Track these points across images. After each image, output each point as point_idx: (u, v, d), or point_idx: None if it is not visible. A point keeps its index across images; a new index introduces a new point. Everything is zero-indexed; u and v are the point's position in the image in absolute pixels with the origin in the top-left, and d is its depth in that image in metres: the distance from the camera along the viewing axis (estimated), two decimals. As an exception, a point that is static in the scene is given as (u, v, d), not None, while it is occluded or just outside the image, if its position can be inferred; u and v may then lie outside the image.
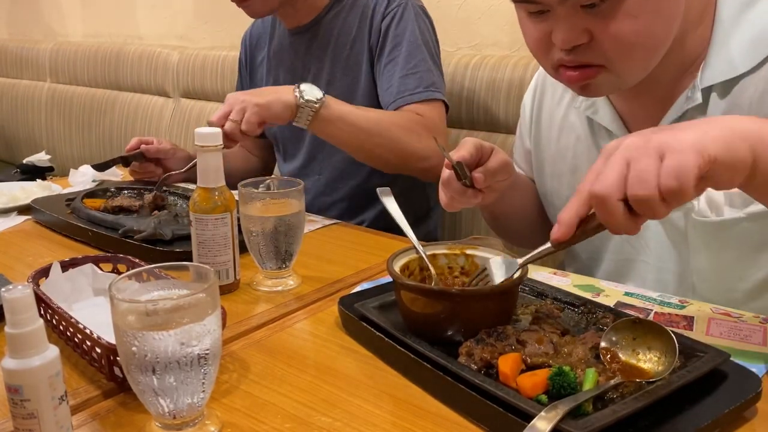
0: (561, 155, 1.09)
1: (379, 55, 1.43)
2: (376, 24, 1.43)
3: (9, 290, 0.56)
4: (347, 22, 1.46)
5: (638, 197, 0.62)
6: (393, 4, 1.43)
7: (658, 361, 0.67)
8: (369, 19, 1.44)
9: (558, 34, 0.83)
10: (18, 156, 2.86)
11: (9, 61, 3.13)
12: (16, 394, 0.56)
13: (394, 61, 1.41)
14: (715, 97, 0.89)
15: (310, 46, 1.51)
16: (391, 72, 1.40)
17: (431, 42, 1.45)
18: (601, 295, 0.91)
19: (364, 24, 1.44)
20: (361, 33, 1.45)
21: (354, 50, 1.45)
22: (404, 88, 1.38)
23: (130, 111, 2.61)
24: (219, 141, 0.92)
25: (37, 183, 1.51)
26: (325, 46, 1.48)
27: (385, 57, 1.42)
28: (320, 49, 1.49)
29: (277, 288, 0.98)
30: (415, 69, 1.39)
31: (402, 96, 1.37)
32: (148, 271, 0.68)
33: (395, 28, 1.41)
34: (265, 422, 0.66)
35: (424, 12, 1.47)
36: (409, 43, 1.40)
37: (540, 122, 1.13)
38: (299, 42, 1.52)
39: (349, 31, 1.46)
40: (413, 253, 0.85)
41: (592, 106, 1.02)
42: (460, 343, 0.73)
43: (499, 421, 0.62)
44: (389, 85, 1.40)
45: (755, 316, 0.83)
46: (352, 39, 1.45)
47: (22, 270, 1.05)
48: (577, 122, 1.06)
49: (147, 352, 0.59)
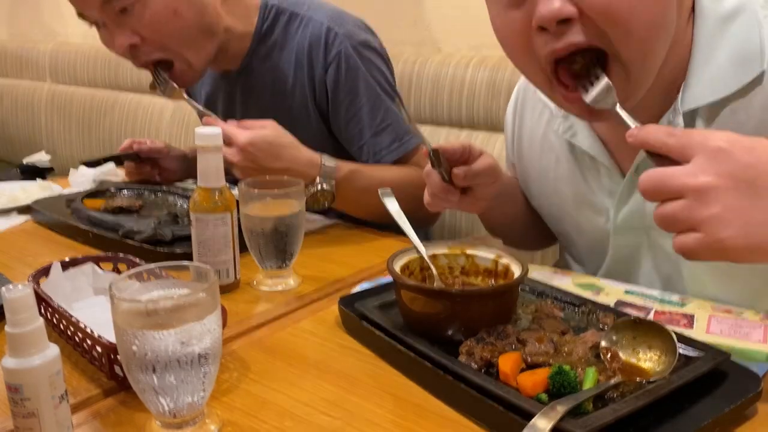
0: (543, 175, 1.05)
1: (335, 111, 1.31)
2: (318, 77, 1.31)
3: (9, 290, 0.56)
4: (280, 67, 1.34)
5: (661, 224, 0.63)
6: (331, 52, 1.29)
7: (659, 360, 0.67)
8: (307, 69, 1.31)
9: (540, 9, 0.73)
10: (18, 156, 2.85)
11: (9, 61, 3.13)
12: (17, 393, 0.56)
13: (356, 117, 1.30)
14: (701, 123, 0.84)
15: (245, 92, 1.40)
16: (357, 130, 1.31)
17: (385, 82, 1.33)
18: (601, 293, 0.91)
19: (302, 73, 1.32)
20: (299, 83, 1.33)
21: (296, 102, 1.34)
22: (379, 147, 1.30)
23: (130, 111, 2.61)
24: (219, 141, 0.92)
25: (37, 183, 1.51)
26: (260, 94, 1.38)
27: (343, 114, 1.31)
28: (257, 98, 1.38)
29: (277, 287, 0.98)
30: (382, 123, 1.30)
31: (379, 155, 1.30)
32: (148, 271, 0.68)
33: (345, 83, 1.29)
34: (265, 421, 0.66)
35: (366, 47, 1.32)
36: (367, 97, 1.30)
37: (522, 139, 1.10)
38: (232, 86, 1.41)
39: (284, 80, 1.34)
40: (414, 253, 0.85)
41: (570, 128, 0.97)
42: (461, 343, 0.74)
43: (500, 420, 0.62)
44: (360, 145, 1.31)
45: (756, 314, 0.83)
46: (290, 89, 1.34)
47: (22, 270, 1.05)
48: (556, 143, 1.02)
49: (147, 351, 0.59)
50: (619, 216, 0.95)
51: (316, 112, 1.34)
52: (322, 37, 1.29)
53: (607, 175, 0.95)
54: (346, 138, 1.33)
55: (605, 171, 0.95)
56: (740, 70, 0.81)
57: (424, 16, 2.00)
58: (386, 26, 2.02)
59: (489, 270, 0.85)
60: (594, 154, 0.95)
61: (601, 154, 0.94)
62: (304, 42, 1.31)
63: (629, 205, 0.94)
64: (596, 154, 0.94)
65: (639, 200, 0.92)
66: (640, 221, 0.93)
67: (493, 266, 0.85)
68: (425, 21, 2.00)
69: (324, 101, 1.33)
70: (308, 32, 1.31)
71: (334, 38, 1.29)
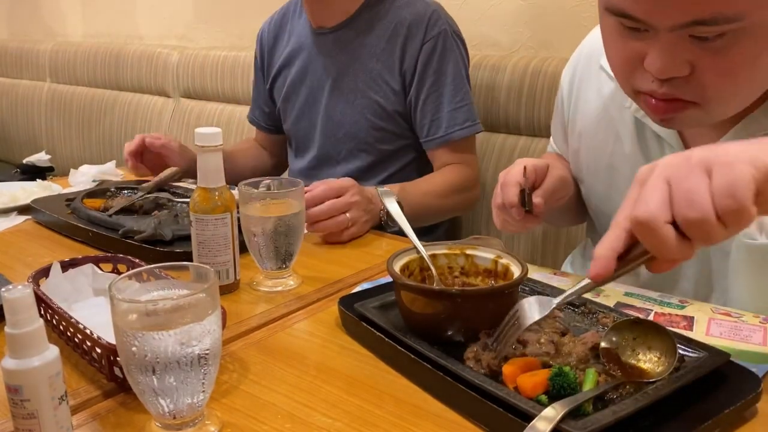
0: (599, 150, 1.02)
1: (419, 83, 1.43)
2: (413, 49, 1.42)
3: (9, 290, 0.55)
4: (376, 33, 1.45)
5: (690, 220, 0.54)
6: (432, 30, 1.42)
7: (658, 361, 0.67)
8: (403, 39, 1.42)
9: (655, 61, 0.74)
10: (18, 156, 2.86)
11: (9, 61, 3.13)
12: (16, 394, 0.56)
13: (437, 93, 1.42)
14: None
15: (334, 50, 1.49)
16: (436, 104, 1.42)
17: (466, 71, 1.47)
18: (601, 295, 0.91)
19: (396, 42, 1.43)
20: (391, 50, 1.44)
21: (379, 65, 1.45)
22: (454, 122, 1.42)
23: (130, 111, 2.61)
24: (219, 141, 0.92)
25: (37, 183, 1.50)
26: (351, 52, 1.47)
27: (426, 87, 1.42)
28: (345, 55, 1.48)
29: (277, 288, 0.98)
30: (462, 102, 1.43)
31: (453, 130, 1.42)
32: (148, 271, 0.68)
33: (438, 60, 1.42)
34: (265, 422, 0.66)
35: (460, 38, 1.47)
36: (453, 77, 1.42)
37: (577, 110, 1.06)
38: (322, 43, 1.51)
39: (377, 43, 1.45)
40: (413, 253, 0.85)
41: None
42: (461, 343, 0.74)
43: (499, 422, 0.62)
44: (435, 118, 1.43)
45: (755, 316, 0.83)
46: (380, 52, 1.45)
47: (22, 270, 1.05)
48: (618, 119, 0.98)
49: (147, 352, 0.59)
50: None
51: (399, 83, 1.44)
52: (426, 16, 1.42)
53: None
54: (421, 110, 1.44)
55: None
56: None
57: (424, 16, 1.99)
58: (386, 26, 2.02)
59: (489, 270, 0.85)
60: (664, 136, 0.92)
61: (673, 137, 0.92)
62: (407, 16, 1.43)
63: None
64: (667, 136, 0.92)
65: None
66: None
67: (493, 266, 0.85)
68: (425, 21, 2.00)
69: (411, 71, 1.43)
70: (414, 9, 1.43)
71: (437, 19, 1.42)
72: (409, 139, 1.49)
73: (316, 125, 1.55)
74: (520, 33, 1.80)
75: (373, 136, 1.48)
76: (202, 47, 2.48)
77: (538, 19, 1.76)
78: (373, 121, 1.47)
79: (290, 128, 1.63)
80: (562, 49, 1.71)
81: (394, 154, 1.50)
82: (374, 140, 1.48)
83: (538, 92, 1.59)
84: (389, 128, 1.48)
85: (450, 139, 1.43)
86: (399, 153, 1.50)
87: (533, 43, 1.78)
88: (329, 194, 1.15)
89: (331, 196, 1.15)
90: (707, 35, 0.71)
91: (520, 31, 1.79)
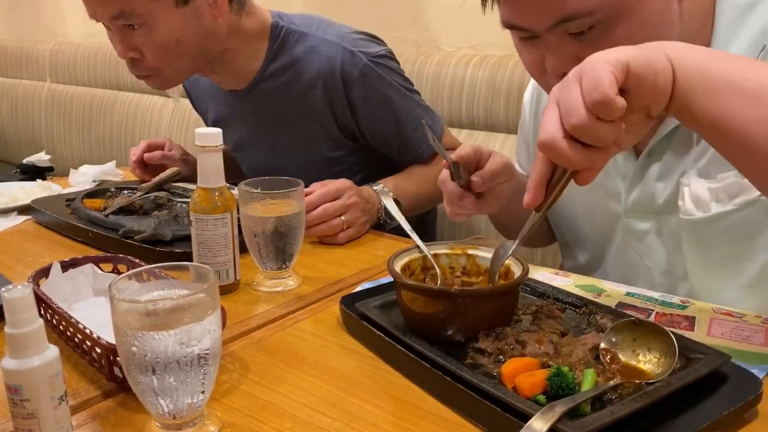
0: None
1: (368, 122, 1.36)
2: (338, 98, 1.33)
3: (9, 290, 0.55)
4: (291, 88, 1.35)
5: (574, 126, 0.62)
6: (353, 73, 1.31)
7: (658, 362, 0.67)
8: (323, 91, 1.33)
9: (549, 61, 0.83)
10: (18, 156, 2.86)
11: (9, 61, 3.13)
12: (16, 394, 0.56)
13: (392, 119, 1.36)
14: None
15: (256, 113, 1.42)
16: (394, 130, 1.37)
17: (405, 81, 1.39)
18: (602, 295, 0.91)
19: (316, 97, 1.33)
20: (314, 105, 1.35)
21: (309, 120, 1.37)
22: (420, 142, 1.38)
23: (130, 111, 2.61)
24: (219, 141, 0.92)
25: (37, 183, 1.50)
26: (274, 115, 1.40)
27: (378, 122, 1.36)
28: (269, 115, 1.40)
29: (277, 288, 0.98)
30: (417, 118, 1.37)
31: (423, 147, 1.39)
32: (148, 271, 0.68)
33: (374, 95, 1.33)
34: (265, 422, 0.66)
35: (381, 57, 1.35)
36: (399, 100, 1.36)
37: (538, 121, 1.12)
38: (240, 104, 1.43)
39: (295, 99, 1.35)
40: (414, 252, 0.85)
41: None
42: (461, 343, 0.74)
43: (497, 422, 0.62)
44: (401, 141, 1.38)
45: (757, 316, 0.83)
46: (306, 110, 1.36)
47: (22, 270, 1.05)
48: None
49: (147, 352, 0.59)
50: (630, 197, 0.98)
51: (337, 130, 1.38)
52: (338, 60, 1.31)
53: (621, 159, 0.98)
54: (382, 140, 1.39)
55: (620, 154, 0.98)
56: (756, 55, 0.84)
57: (424, 15, 2.00)
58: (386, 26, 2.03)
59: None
60: None
61: None
62: (317, 65, 1.32)
63: (640, 188, 0.97)
64: None
65: (650, 183, 0.96)
66: (649, 205, 0.96)
67: (493, 267, 0.84)
68: (425, 21, 2.00)
69: (349, 118, 1.36)
70: (322, 55, 1.32)
71: (351, 59, 1.31)
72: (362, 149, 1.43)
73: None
74: (520, 33, 1.79)
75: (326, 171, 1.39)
76: (202, 47, 2.47)
77: (538, 19, 1.76)
78: (320, 167, 1.40)
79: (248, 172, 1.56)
80: (562, 49, 1.71)
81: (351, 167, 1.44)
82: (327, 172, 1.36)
83: (538, 92, 1.59)
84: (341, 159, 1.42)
85: (425, 158, 1.40)
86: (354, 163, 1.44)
87: (533, 43, 1.78)
88: (325, 198, 1.15)
89: (326, 199, 1.15)
90: (581, 29, 0.79)
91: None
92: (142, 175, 1.48)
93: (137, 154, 1.48)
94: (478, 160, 0.93)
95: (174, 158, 1.47)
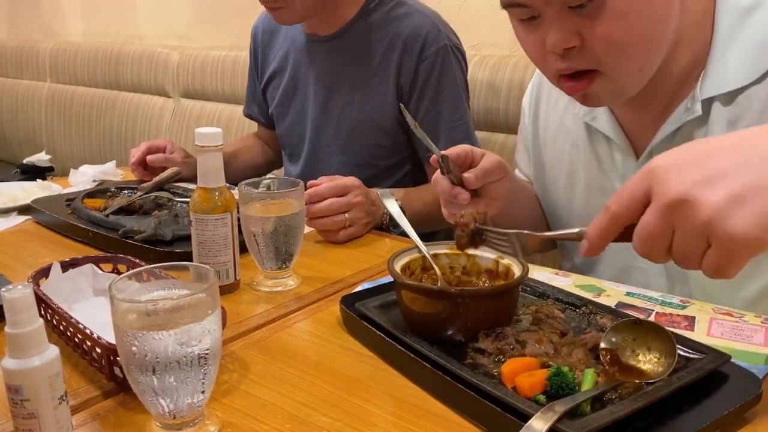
0: (558, 159, 1.09)
1: (418, 100, 1.39)
2: (409, 66, 1.38)
3: (9, 290, 0.56)
4: (373, 44, 1.41)
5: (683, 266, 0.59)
6: (430, 48, 1.37)
7: (658, 362, 0.67)
8: (399, 55, 1.38)
9: (550, 38, 0.82)
10: (18, 156, 2.86)
11: (9, 61, 3.13)
12: (16, 394, 0.56)
13: (436, 110, 1.39)
14: (718, 107, 0.87)
15: (328, 58, 1.46)
16: (435, 122, 1.39)
17: (465, 86, 1.44)
18: (602, 295, 0.91)
19: (392, 57, 1.38)
20: (386, 64, 1.39)
21: (376, 80, 1.41)
22: (452, 141, 1.33)
23: (130, 111, 2.61)
24: (219, 141, 0.92)
25: (37, 183, 1.51)
26: (345, 63, 1.44)
27: (425, 105, 1.39)
28: (340, 65, 1.45)
29: (277, 288, 0.98)
30: (460, 121, 1.40)
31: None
32: (148, 271, 0.68)
33: (438, 77, 1.38)
34: (265, 422, 0.66)
35: (460, 51, 1.43)
36: (453, 94, 1.39)
37: (537, 123, 1.13)
38: (317, 50, 1.48)
39: (372, 57, 1.41)
40: (414, 252, 0.85)
41: (590, 112, 1.01)
42: (461, 343, 0.74)
43: (497, 422, 0.62)
44: (433, 137, 1.35)
45: (757, 316, 0.83)
46: (375, 66, 1.40)
47: (22, 270, 1.05)
48: (573, 127, 1.05)
49: (147, 352, 0.59)
50: None
51: (394, 97, 1.40)
52: (424, 31, 1.37)
53: (621, 159, 0.99)
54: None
55: (620, 155, 0.98)
56: (760, 59, 0.84)
57: (425, 16, 1.99)
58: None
59: (490, 270, 0.85)
60: (612, 136, 0.98)
61: (619, 136, 0.98)
62: (404, 30, 1.38)
63: None
64: (614, 137, 0.98)
65: None
66: None
67: (494, 266, 0.85)
68: (425, 21, 2.00)
69: (408, 88, 1.39)
70: (412, 22, 1.39)
71: (436, 35, 1.38)
72: (404, 152, 1.46)
73: (305, 139, 1.52)
74: (520, 33, 1.79)
75: (368, 152, 1.45)
76: (202, 47, 2.48)
77: (538, 19, 1.76)
78: (366, 137, 1.44)
79: (283, 134, 1.61)
80: (562, 49, 1.71)
81: (389, 169, 1.47)
82: (368, 156, 1.45)
83: (538, 92, 1.59)
84: (384, 143, 1.44)
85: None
86: (394, 168, 1.47)
87: (533, 43, 1.78)
88: (332, 192, 1.15)
89: (333, 194, 1.15)
90: (581, 2, 0.78)
91: (520, 32, 1.79)
92: (142, 175, 1.48)
93: (137, 156, 1.48)
94: (471, 160, 0.93)
95: (176, 161, 1.47)
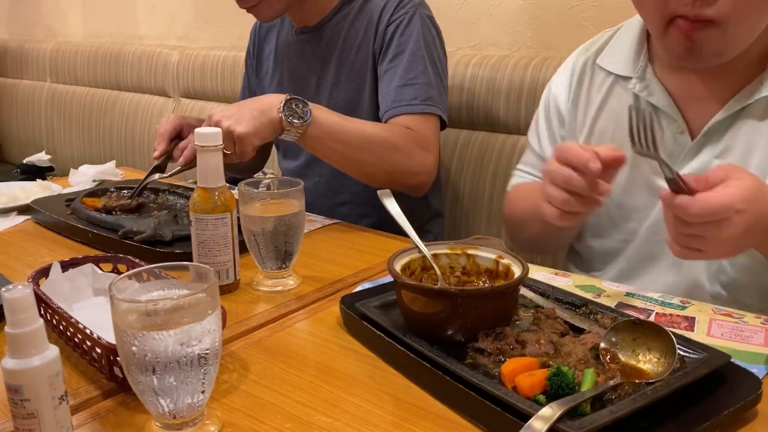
0: (597, 138, 1.09)
1: (381, 60, 1.41)
2: (381, 29, 1.41)
3: (9, 290, 0.56)
4: (354, 26, 1.45)
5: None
6: (400, 11, 1.40)
7: (658, 362, 0.67)
8: (375, 24, 1.42)
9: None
10: (18, 156, 2.86)
11: (9, 61, 3.13)
12: (16, 394, 0.56)
13: (393, 69, 1.38)
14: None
15: (316, 48, 1.50)
16: (389, 80, 1.38)
17: (436, 54, 1.42)
18: (602, 295, 0.91)
19: (370, 29, 1.42)
20: (366, 37, 1.43)
21: (359, 55, 1.44)
22: (400, 98, 1.34)
23: (130, 111, 2.61)
24: (219, 141, 0.92)
25: (37, 183, 1.51)
26: (330, 49, 1.47)
27: (386, 63, 1.40)
28: (326, 52, 1.48)
29: (277, 288, 0.98)
30: (413, 80, 1.36)
31: (397, 105, 1.34)
32: (148, 271, 0.68)
33: (400, 36, 1.39)
34: (265, 422, 0.66)
35: (432, 22, 1.44)
36: (411, 53, 1.37)
37: (578, 104, 1.13)
38: (305, 42, 1.51)
39: (355, 35, 1.44)
40: (414, 252, 0.85)
41: (646, 88, 1.02)
42: (461, 343, 0.74)
43: (497, 421, 0.62)
44: (386, 93, 1.37)
45: (756, 317, 0.83)
46: (357, 44, 1.44)
47: (22, 270, 1.05)
48: (617, 108, 1.06)
49: (147, 352, 0.59)
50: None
51: (373, 68, 1.42)
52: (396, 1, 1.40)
53: (671, 137, 1.00)
54: (380, 88, 1.41)
55: (671, 132, 1.00)
56: None
57: (425, 16, 1.99)
58: (386, 26, 2.02)
59: (490, 270, 0.85)
60: (669, 112, 1.00)
61: (675, 112, 0.99)
62: (380, 2, 1.42)
63: (691, 166, 0.97)
64: (671, 112, 1.00)
65: (704, 162, 0.97)
66: None
67: (494, 266, 0.85)
68: (425, 21, 2.00)
69: (378, 51, 1.42)
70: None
71: (407, 3, 1.40)
72: None
73: None
74: (520, 33, 1.80)
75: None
76: (202, 47, 2.48)
77: (538, 19, 1.76)
78: (359, 113, 1.42)
79: None
80: (562, 49, 1.71)
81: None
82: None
83: (538, 92, 1.58)
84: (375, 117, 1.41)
85: (393, 115, 1.34)
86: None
87: (533, 43, 1.78)
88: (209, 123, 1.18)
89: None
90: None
91: (520, 31, 1.79)
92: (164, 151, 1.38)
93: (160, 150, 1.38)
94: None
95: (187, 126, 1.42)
